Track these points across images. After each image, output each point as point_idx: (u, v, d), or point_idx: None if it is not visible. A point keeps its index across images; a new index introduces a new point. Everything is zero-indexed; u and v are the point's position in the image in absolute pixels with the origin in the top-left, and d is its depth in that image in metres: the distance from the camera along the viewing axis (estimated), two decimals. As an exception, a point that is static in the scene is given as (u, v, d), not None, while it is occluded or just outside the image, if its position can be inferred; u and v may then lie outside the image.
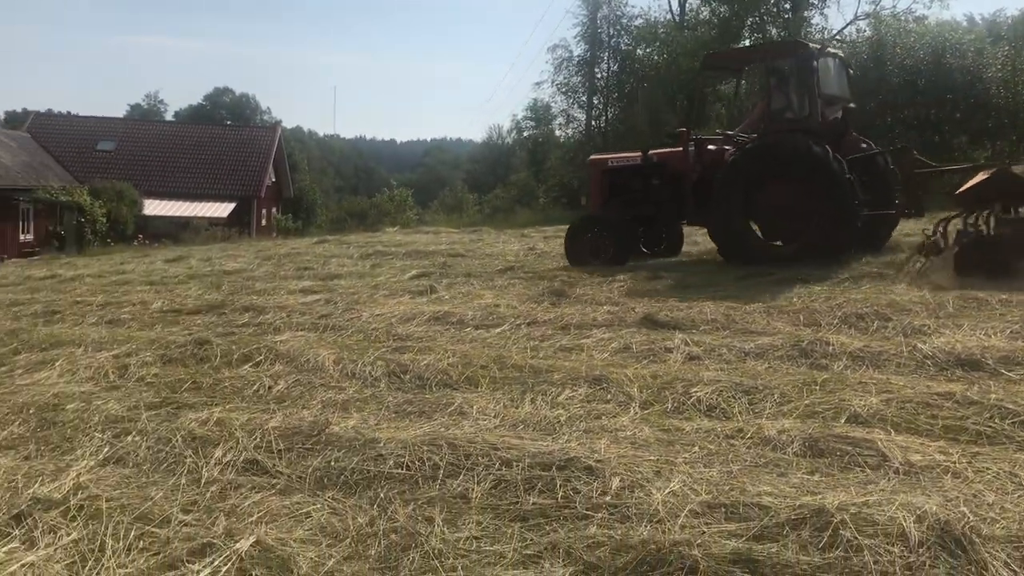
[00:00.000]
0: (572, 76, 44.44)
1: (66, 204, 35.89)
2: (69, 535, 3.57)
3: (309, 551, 3.32)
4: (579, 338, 6.99)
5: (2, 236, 33.54)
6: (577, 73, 44.35)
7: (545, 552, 3.29)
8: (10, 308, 10.42)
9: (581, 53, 43.91)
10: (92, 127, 46.42)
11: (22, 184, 35.29)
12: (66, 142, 43.97)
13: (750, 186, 10.87)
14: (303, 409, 5.29)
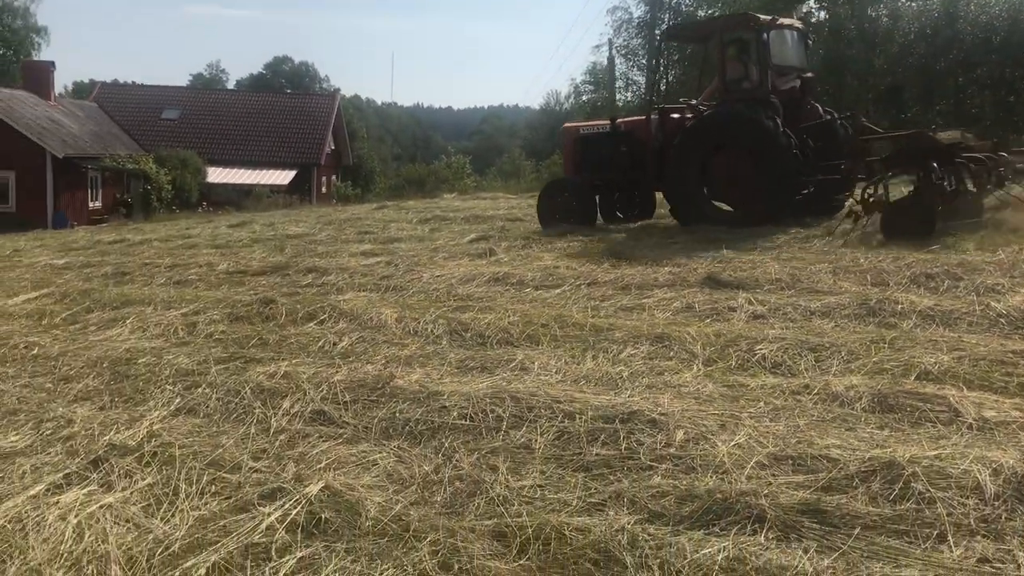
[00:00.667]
0: (632, 38, 43.79)
1: (133, 172, 36.65)
2: (144, 479, 3.68)
3: (376, 496, 3.37)
4: (640, 298, 6.94)
5: (72, 203, 34.42)
6: (637, 35, 43.69)
7: (609, 500, 3.29)
8: (82, 270, 10.71)
9: (641, 14, 43.21)
10: (156, 96, 47.17)
11: (91, 153, 36.11)
12: (132, 111, 44.79)
13: (703, 154, 11.38)
14: (367, 364, 5.35)
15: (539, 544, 2.97)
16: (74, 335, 6.69)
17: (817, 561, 2.74)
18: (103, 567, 2.89)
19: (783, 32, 11.91)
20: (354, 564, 2.88)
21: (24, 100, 36.61)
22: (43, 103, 37.72)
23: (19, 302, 8.18)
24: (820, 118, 11.69)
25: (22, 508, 3.36)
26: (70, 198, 34.34)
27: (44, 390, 5.17)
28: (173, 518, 3.29)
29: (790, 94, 11.68)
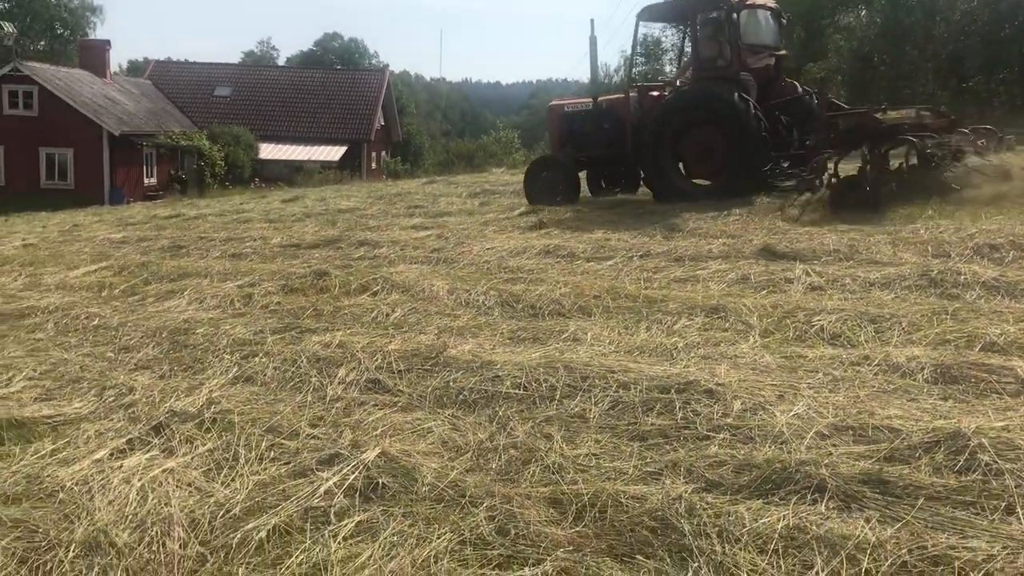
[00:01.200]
0: (684, 9, 43.12)
1: (186, 148, 37.20)
2: (204, 445, 3.74)
3: (432, 462, 3.39)
4: (694, 269, 6.87)
5: (128, 179, 35.08)
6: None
7: (665, 469, 3.27)
8: (139, 244, 10.91)
9: (693, -15, 42.49)
10: (209, 73, 47.69)
11: (146, 130, 36.71)
12: (185, 88, 45.36)
13: (676, 129, 11.61)
14: (420, 334, 5.37)
15: (595, 511, 2.96)
16: (133, 306, 6.82)
17: (880, 531, 2.69)
18: (167, 528, 2.95)
19: (755, 12, 12.17)
20: (411, 528, 2.90)
21: (81, 79, 37.30)
22: (99, 81, 38.41)
23: (79, 275, 8.36)
24: (791, 93, 12.02)
25: (88, 471, 3.44)
26: (126, 174, 34.99)
27: (105, 359, 5.28)
28: (233, 482, 3.34)
29: (765, 72, 12.01)
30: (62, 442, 3.84)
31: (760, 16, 12.29)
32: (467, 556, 2.75)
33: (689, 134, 11.52)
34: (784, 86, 12.16)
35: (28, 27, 55.76)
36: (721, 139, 11.17)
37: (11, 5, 56.70)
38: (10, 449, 3.77)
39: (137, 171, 35.98)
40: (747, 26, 11.83)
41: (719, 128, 11.15)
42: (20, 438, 3.92)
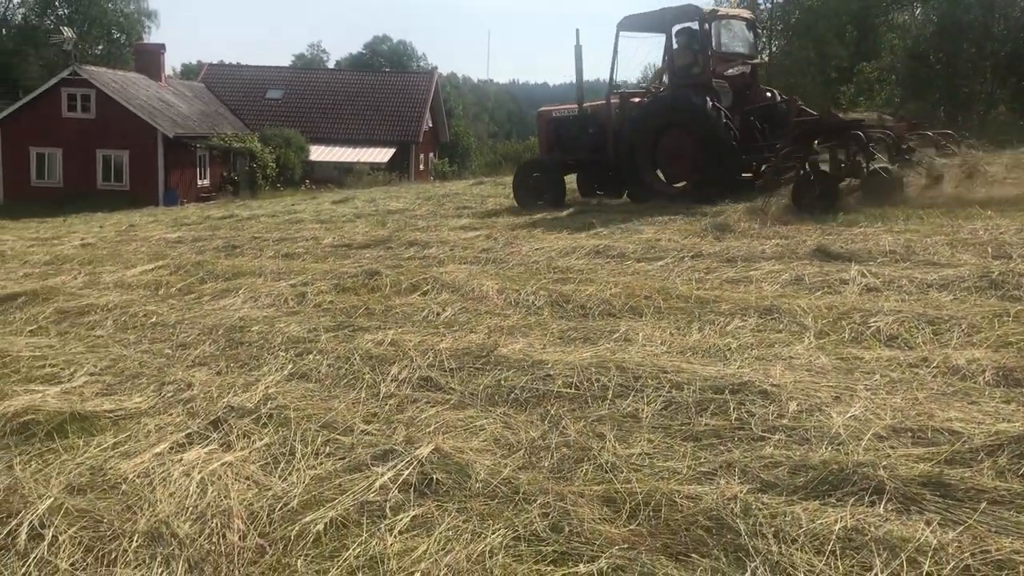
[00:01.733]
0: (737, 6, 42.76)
1: (239, 150, 37.81)
2: (262, 439, 3.80)
3: (485, 459, 3.41)
4: (747, 270, 6.80)
5: (182, 181, 35.76)
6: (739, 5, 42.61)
7: (720, 470, 3.25)
8: (194, 243, 11.11)
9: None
10: (261, 76, 48.40)
11: (199, 132, 37.38)
12: (237, 91, 46.10)
13: (652, 134, 12.12)
14: (471, 333, 5.40)
15: (649, 510, 2.95)
16: (189, 304, 6.94)
17: (941, 534, 2.65)
18: (226, 520, 3.00)
19: (729, 23, 12.99)
20: (466, 523, 2.92)
21: (136, 82, 38.11)
22: (154, 84, 39.21)
23: (136, 273, 8.54)
24: (765, 99, 12.59)
25: (149, 464, 3.52)
26: (179, 176, 35.67)
27: (163, 355, 5.39)
28: (290, 476, 3.40)
29: (741, 79, 12.56)
30: (123, 435, 3.93)
31: (734, 26, 13.07)
32: (521, 552, 2.76)
33: (664, 138, 12.04)
34: (759, 93, 12.68)
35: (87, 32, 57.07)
36: (693, 143, 11.66)
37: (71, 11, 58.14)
38: (74, 442, 3.87)
39: (191, 173, 36.66)
40: (720, 36, 12.55)
41: (691, 132, 11.67)
42: (83, 431, 4.02)
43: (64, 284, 8.03)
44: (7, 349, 5.66)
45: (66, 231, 15.66)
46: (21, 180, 35.27)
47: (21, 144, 35.26)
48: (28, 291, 7.61)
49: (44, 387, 4.68)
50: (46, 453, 3.77)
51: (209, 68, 49.76)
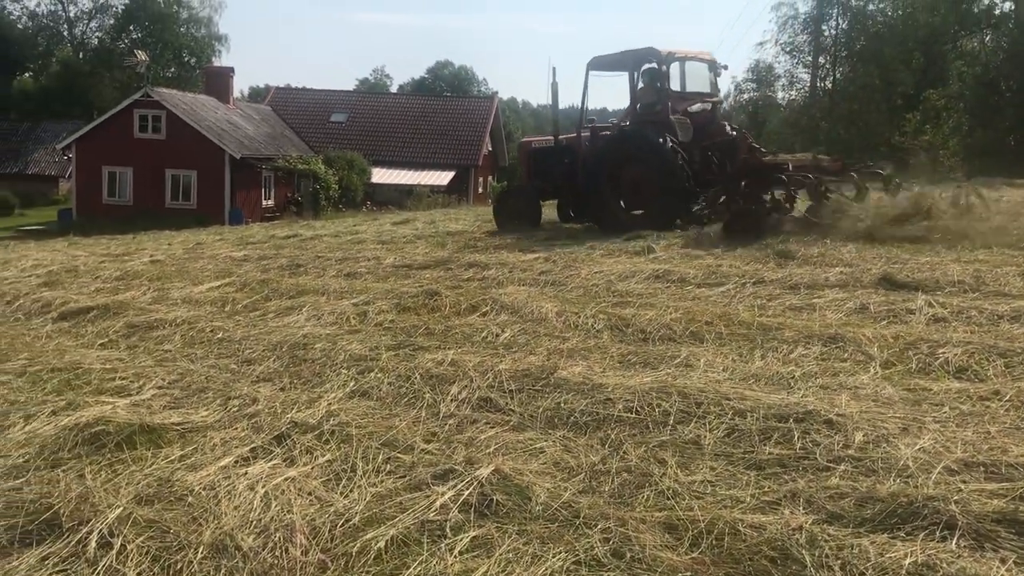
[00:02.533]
0: (797, 35, 42.48)
1: (303, 172, 38.55)
2: (324, 456, 3.84)
3: (545, 482, 3.40)
4: (810, 298, 6.70)
5: (247, 201, 36.53)
6: (803, 31, 42.33)
7: (784, 499, 3.19)
8: (259, 262, 11.32)
9: (808, 10, 41.83)
10: (325, 100, 49.37)
11: (265, 154, 38.21)
12: (302, 114, 47.07)
13: (614, 165, 13.06)
14: (530, 355, 5.40)
15: (712, 538, 2.92)
16: (254, 321, 7.07)
17: (1016, 573, 2.57)
18: (289, 535, 3.04)
19: (690, 63, 13.90)
20: (526, 546, 2.91)
21: (206, 104, 39.11)
22: (222, 107, 40.21)
23: (204, 290, 8.73)
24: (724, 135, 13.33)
25: (214, 477, 3.58)
26: (245, 196, 36.44)
27: (229, 371, 5.49)
28: (352, 493, 3.43)
29: (702, 116, 13.50)
30: (190, 448, 4.00)
31: (694, 67, 13.98)
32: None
33: (625, 169, 12.97)
34: (719, 129, 13.52)
35: (159, 55, 58.89)
36: (649, 174, 12.55)
37: (144, 34, 60.04)
38: (142, 453, 3.96)
39: (256, 193, 37.44)
40: (684, 76, 13.70)
41: (647, 165, 12.60)
42: (151, 443, 4.10)
43: (134, 299, 8.24)
44: (79, 361, 5.83)
45: (136, 248, 16.08)
46: (94, 198, 36.39)
47: (94, 163, 36.41)
48: (100, 305, 7.83)
49: (114, 399, 4.80)
50: (116, 463, 3.86)
51: (276, 91, 50.89)
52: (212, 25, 66.00)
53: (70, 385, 5.26)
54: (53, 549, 3.06)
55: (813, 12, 41.86)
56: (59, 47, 67.73)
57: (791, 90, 45.16)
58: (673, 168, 12.29)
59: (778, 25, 43.15)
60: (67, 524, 3.20)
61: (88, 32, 66.74)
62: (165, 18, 60.96)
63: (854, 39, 40.33)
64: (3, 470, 3.86)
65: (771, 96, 47.90)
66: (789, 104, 44.42)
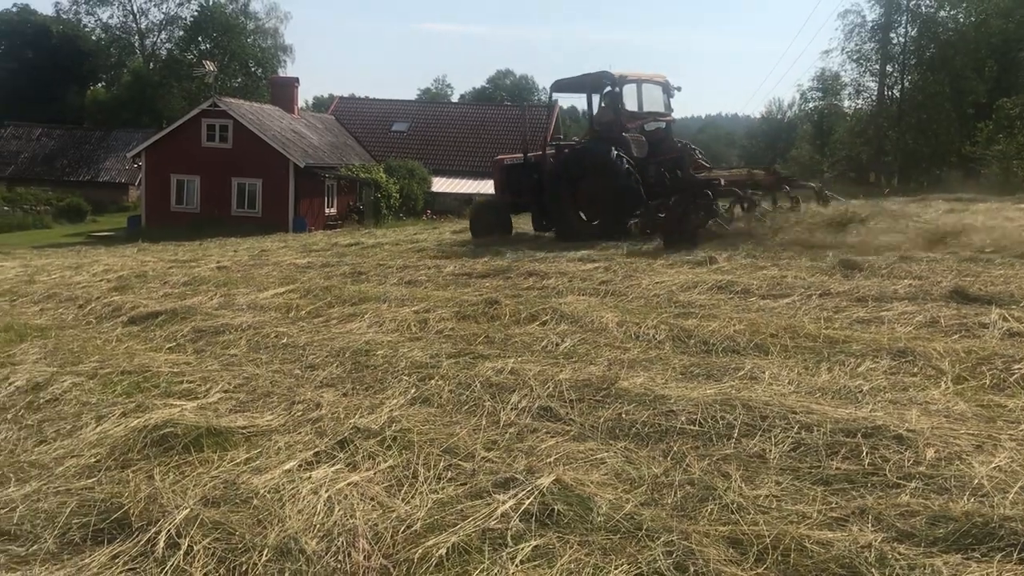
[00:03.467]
0: (864, 43, 41.70)
1: (365, 181, 39.01)
2: (386, 461, 3.87)
3: (607, 493, 3.37)
4: (878, 310, 6.56)
5: (311, 209, 37.06)
6: (870, 39, 41.54)
7: (852, 516, 3.12)
8: (322, 269, 11.48)
9: (875, 18, 41.04)
10: (387, 109, 49.97)
11: (328, 163, 38.75)
12: (365, 123, 47.70)
13: (572, 179, 14.29)
14: (590, 364, 5.38)
15: (777, 554, 2.86)
16: (318, 327, 7.16)
17: (1100, 599, 2.47)
18: (352, 540, 3.06)
19: (642, 85, 15.20)
20: (588, 557, 2.89)
21: (271, 113, 39.83)
22: (287, 116, 40.90)
23: (269, 296, 8.87)
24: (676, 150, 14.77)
25: (279, 480, 3.63)
26: (308, 204, 36.98)
27: (293, 376, 5.57)
28: (413, 499, 3.44)
29: (656, 134, 14.96)
30: (255, 451, 4.06)
31: (645, 88, 15.26)
32: (644, 589, 2.71)
33: (582, 183, 14.13)
34: (671, 145, 14.96)
35: (226, 65, 60.16)
36: (603, 188, 13.68)
37: (212, 45, 61.43)
38: (209, 455, 4.03)
39: (319, 201, 37.97)
40: (640, 97, 14.99)
41: (602, 179, 13.69)
42: (217, 445, 4.18)
43: (201, 304, 8.41)
44: (148, 364, 5.97)
45: (202, 254, 16.44)
46: (162, 205, 37.26)
47: (163, 171, 37.31)
48: (168, 310, 8.02)
49: (182, 402, 4.90)
50: (183, 465, 3.94)
51: (339, 101, 51.67)
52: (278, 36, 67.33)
53: (139, 388, 5.39)
54: (123, 548, 3.13)
55: (881, 20, 41.04)
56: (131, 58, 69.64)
57: (858, 99, 44.38)
58: (622, 181, 13.50)
59: (844, 33, 42.46)
60: (137, 523, 3.27)
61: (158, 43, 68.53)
62: (232, 29, 62.29)
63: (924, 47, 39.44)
64: (76, 469, 3.96)
65: (837, 105, 47.15)
66: (855, 113, 43.61)
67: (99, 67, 70.22)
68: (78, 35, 68.24)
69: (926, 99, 37.66)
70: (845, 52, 42.56)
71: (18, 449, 4.34)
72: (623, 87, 14.74)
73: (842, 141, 41.97)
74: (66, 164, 55.20)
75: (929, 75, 38.57)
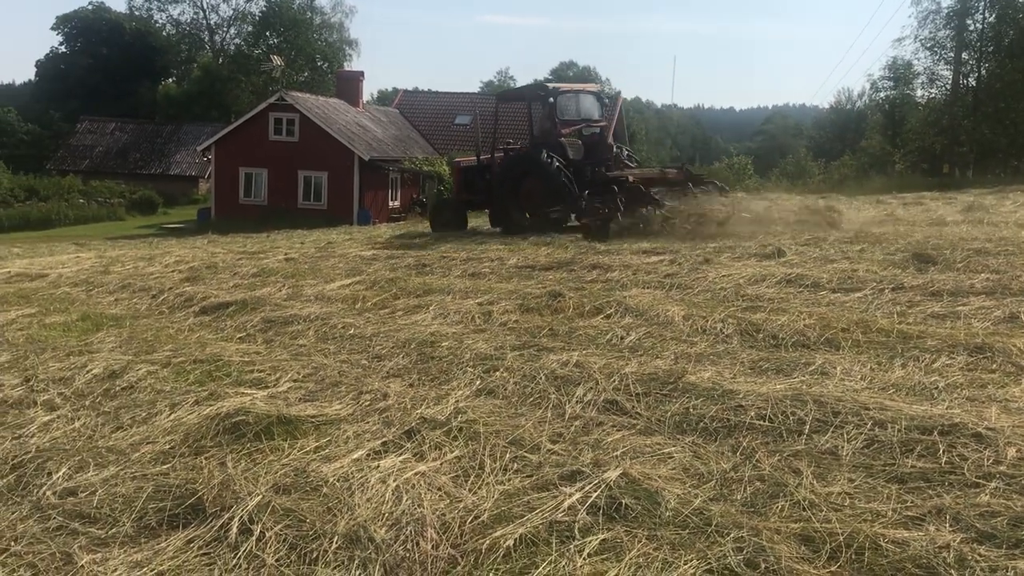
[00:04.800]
0: (939, 30, 40.52)
1: (428, 174, 39.22)
2: (452, 452, 3.89)
3: (675, 488, 3.34)
4: (954, 305, 6.37)
5: (375, 201, 37.46)
6: (945, 26, 40.35)
7: (929, 515, 3.04)
8: (387, 261, 11.59)
9: (951, 4, 39.82)
10: (450, 102, 50.11)
11: (392, 156, 39.08)
12: (428, 117, 47.94)
13: (514, 180, 16.10)
14: (656, 358, 5.33)
15: (851, 552, 2.80)
16: (383, 318, 7.24)
17: None
18: (420, 529, 3.08)
19: (576, 95, 17.15)
20: (656, 551, 2.87)
21: (337, 107, 40.31)
22: (352, 110, 41.35)
23: (335, 287, 9.00)
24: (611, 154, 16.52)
25: (348, 469, 3.68)
26: (372, 197, 37.37)
27: (360, 366, 5.63)
28: (480, 490, 3.45)
29: (592, 138, 16.78)
30: (324, 440, 4.12)
31: (581, 98, 17.16)
32: (714, 586, 2.68)
33: (523, 183, 15.89)
34: (607, 148, 16.68)
35: (293, 60, 61.06)
36: (537, 186, 15.50)
37: (280, 40, 62.40)
38: (280, 444, 4.10)
39: (383, 194, 38.34)
40: (568, 106, 16.71)
41: (539, 179, 15.49)
42: (288, 434, 4.25)
43: (269, 295, 8.57)
44: (219, 354, 6.10)
45: (270, 246, 16.73)
46: (231, 197, 38.02)
47: (232, 164, 38.04)
48: (238, 300, 8.18)
49: (253, 391, 4.99)
50: (254, 453, 4.01)
51: (403, 95, 52.03)
52: (343, 30, 68.16)
53: (211, 376, 5.51)
54: (198, 533, 3.20)
55: (957, 6, 39.83)
56: (200, 53, 71.24)
57: (931, 88, 43.17)
58: (555, 181, 15.19)
59: (918, 20, 41.30)
60: (210, 509, 3.34)
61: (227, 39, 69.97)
62: (299, 24, 63.21)
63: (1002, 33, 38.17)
64: (152, 455, 4.07)
65: (909, 94, 45.98)
66: (929, 103, 42.44)
67: (170, 63, 72.01)
68: (150, 32, 70.05)
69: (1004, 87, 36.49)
70: (918, 40, 41.47)
71: (96, 435, 4.46)
72: (558, 97, 16.63)
73: (915, 131, 40.85)
74: (138, 158, 56.75)
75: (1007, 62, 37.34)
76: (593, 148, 16.47)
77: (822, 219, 12.90)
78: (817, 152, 61.63)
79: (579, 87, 17.72)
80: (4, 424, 4.67)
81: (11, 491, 3.73)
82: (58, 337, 7.16)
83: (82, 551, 3.12)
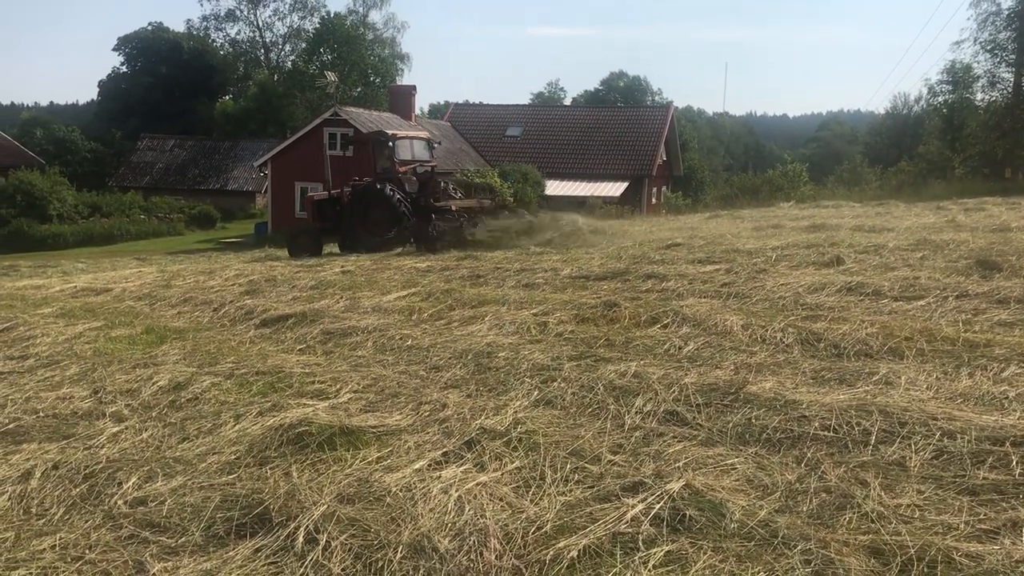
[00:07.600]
0: (999, 32, 39.58)
1: (479, 185, 39.36)
2: (513, 462, 3.90)
3: (739, 499, 3.31)
4: (1021, 313, 6.22)
5: (427, 214, 37.67)
6: (1006, 28, 39.41)
7: (1004, 528, 2.97)
8: (442, 272, 11.65)
9: (1012, 5, 38.89)
10: (501, 114, 50.34)
11: (444, 168, 39.31)
12: (479, 129, 48.21)
13: (362, 208, 19.60)
14: (716, 369, 5.29)
15: (923, 566, 2.75)
16: (440, 329, 7.28)
17: None
18: (483, 540, 3.10)
19: (410, 141, 21.43)
20: (722, 563, 2.84)
21: (390, 121, 40.72)
22: (405, 123, 41.73)
23: (392, 299, 9.07)
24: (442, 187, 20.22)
25: (410, 479, 3.71)
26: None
27: (419, 377, 5.68)
28: (542, 501, 3.46)
29: (425, 175, 20.37)
30: (386, 450, 4.16)
31: (414, 143, 21.54)
32: (782, 599, 2.65)
33: (368, 212, 19.34)
34: (436, 184, 20.05)
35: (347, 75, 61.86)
36: (383, 215, 18.92)
37: (334, 56, 63.27)
38: (342, 454, 4.15)
39: (435, 206, 38.50)
40: (404, 149, 20.77)
41: (378, 207, 19.12)
42: (350, 444, 4.29)
43: (328, 307, 8.67)
44: (281, 365, 6.19)
45: (327, 259, 16.93)
46: (287, 211, 38.59)
47: (288, 179, 38.64)
48: (297, 313, 8.29)
49: (315, 402, 5.06)
50: (318, 463, 4.06)
51: (454, 108, 52.37)
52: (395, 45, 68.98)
53: (273, 387, 5.59)
54: (265, 542, 3.25)
55: (1018, 7, 38.91)
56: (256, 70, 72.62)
57: (992, 91, 42.13)
58: (393, 209, 18.81)
59: (978, 23, 40.43)
60: (276, 519, 3.39)
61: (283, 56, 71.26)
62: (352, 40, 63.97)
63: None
64: (218, 465, 4.14)
65: (969, 98, 44.98)
66: (989, 106, 41.45)
67: (227, 80, 73.59)
68: (207, 50, 71.68)
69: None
70: (978, 43, 40.54)
71: (163, 446, 4.56)
72: (396, 142, 20.50)
73: (975, 136, 39.93)
74: (197, 174, 57.98)
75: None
76: (426, 183, 20.08)
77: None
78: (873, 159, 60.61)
79: (413, 134, 22.97)
80: (76, 435, 4.79)
81: (84, 500, 3.83)
82: (124, 350, 7.32)
83: (153, 559, 3.19)
